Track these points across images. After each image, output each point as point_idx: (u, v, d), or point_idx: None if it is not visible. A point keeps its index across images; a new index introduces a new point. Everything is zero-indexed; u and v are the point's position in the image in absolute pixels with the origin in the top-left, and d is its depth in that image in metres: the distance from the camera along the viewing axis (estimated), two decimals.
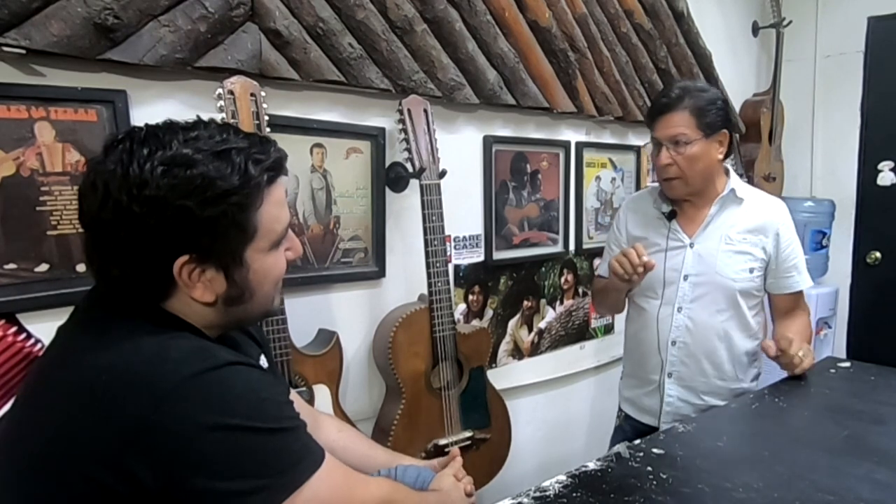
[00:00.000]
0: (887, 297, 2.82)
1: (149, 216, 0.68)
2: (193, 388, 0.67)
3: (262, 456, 0.70)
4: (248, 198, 0.73)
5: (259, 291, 0.79)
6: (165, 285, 0.74)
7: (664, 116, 1.49)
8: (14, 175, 1.20)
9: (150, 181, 0.68)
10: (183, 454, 0.65)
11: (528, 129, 2.18)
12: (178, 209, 0.68)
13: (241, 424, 0.68)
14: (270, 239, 0.77)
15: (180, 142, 0.71)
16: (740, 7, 3.07)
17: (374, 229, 1.76)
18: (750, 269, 1.54)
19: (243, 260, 0.75)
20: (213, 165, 0.70)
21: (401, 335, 1.64)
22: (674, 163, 1.49)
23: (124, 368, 0.67)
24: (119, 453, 0.64)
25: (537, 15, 2.03)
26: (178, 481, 0.65)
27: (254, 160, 0.73)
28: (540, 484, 1.05)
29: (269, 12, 1.44)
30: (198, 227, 0.70)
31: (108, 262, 0.72)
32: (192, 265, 0.72)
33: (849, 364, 1.72)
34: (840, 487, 1.04)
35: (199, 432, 0.66)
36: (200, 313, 0.77)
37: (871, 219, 2.89)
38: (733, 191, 1.55)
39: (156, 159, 0.68)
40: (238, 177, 0.71)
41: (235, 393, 0.70)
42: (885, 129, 2.80)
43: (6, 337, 1.21)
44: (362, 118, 1.71)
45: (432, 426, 1.70)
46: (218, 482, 0.67)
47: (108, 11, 1.21)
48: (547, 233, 2.29)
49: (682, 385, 1.60)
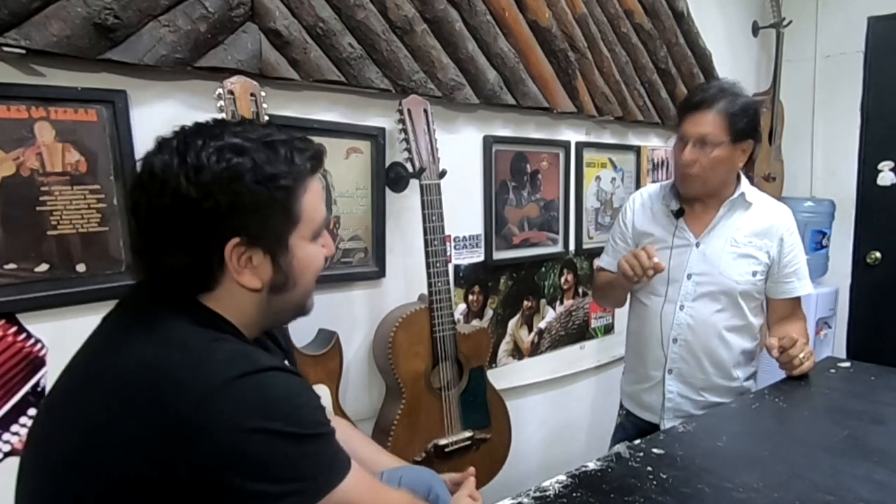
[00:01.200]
0: (887, 297, 2.82)
1: (204, 200, 0.72)
2: (236, 391, 0.69)
3: (297, 461, 0.72)
4: (295, 183, 0.78)
5: (301, 281, 0.83)
6: (215, 272, 0.76)
7: (697, 113, 1.48)
8: (14, 175, 1.20)
9: (205, 167, 0.72)
10: (222, 453, 0.67)
11: (528, 129, 2.18)
12: (231, 192, 0.72)
13: (280, 429, 0.70)
14: (312, 228, 0.82)
15: (230, 133, 0.75)
16: (740, 7, 3.07)
17: (374, 229, 1.76)
18: (753, 273, 1.55)
19: (289, 246, 0.79)
20: (262, 153, 0.75)
21: (401, 335, 1.64)
22: (696, 161, 1.48)
23: (170, 367, 0.69)
24: (160, 448, 0.66)
25: (537, 15, 2.03)
26: (214, 479, 0.67)
27: (298, 150, 0.79)
28: (540, 484, 1.05)
29: (269, 12, 1.44)
30: (248, 210, 0.74)
31: (163, 252, 0.75)
32: (242, 248, 0.75)
33: (849, 364, 1.72)
34: (840, 487, 1.04)
35: (239, 434, 0.67)
36: (243, 306, 0.79)
37: (871, 219, 2.88)
38: (743, 195, 1.56)
39: (210, 147, 0.73)
40: (284, 163, 0.77)
41: (275, 397, 0.72)
42: (885, 129, 2.80)
43: (6, 337, 1.21)
44: (362, 118, 1.71)
45: (432, 426, 1.70)
46: (252, 483, 0.68)
47: (108, 11, 1.21)
48: (547, 233, 2.29)
49: (682, 381, 1.61)
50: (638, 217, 1.67)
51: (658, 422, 1.64)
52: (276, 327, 0.95)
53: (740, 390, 1.62)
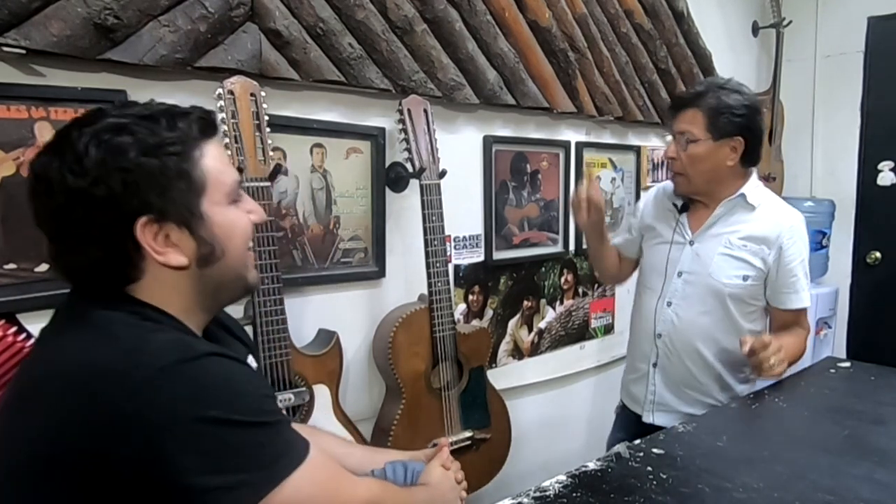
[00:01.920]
0: (887, 297, 2.82)
1: (95, 187, 0.69)
2: (169, 379, 0.66)
3: (241, 450, 0.69)
4: (184, 146, 0.74)
5: (229, 246, 0.79)
6: (135, 260, 0.73)
7: (681, 110, 1.51)
8: (14, 175, 1.20)
9: (85, 155, 0.69)
10: (158, 447, 0.64)
11: (528, 129, 2.18)
12: (120, 171, 0.69)
13: (219, 417, 0.67)
14: (223, 191, 0.78)
15: (105, 116, 0.73)
16: (740, 7, 3.07)
17: (374, 229, 1.76)
18: (744, 277, 1.51)
19: (202, 213, 0.76)
20: (142, 126, 0.72)
21: (401, 335, 1.64)
22: (677, 157, 1.51)
23: (102, 363, 0.67)
24: (99, 447, 0.64)
25: (537, 15, 2.03)
26: (155, 475, 0.65)
27: (179, 115, 0.76)
28: (540, 484, 1.05)
29: (269, 12, 1.44)
30: (143, 185, 0.71)
31: (75, 252, 0.73)
32: (154, 227, 0.72)
33: (849, 364, 1.72)
34: (840, 487, 1.04)
35: (175, 424, 0.65)
36: (176, 289, 0.76)
37: (871, 219, 2.88)
38: (743, 196, 1.51)
39: (85, 135, 0.70)
40: (167, 130, 0.73)
41: (213, 384, 0.69)
42: (885, 130, 2.80)
43: (6, 337, 1.21)
44: (362, 118, 1.71)
45: (432, 426, 1.70)
46: (194, 477, 0.65)
47: (108, 11, 1.21)
48: (547, 233, 2.29)
49: (666, 377, 1.62)
50: (648, 210, 1.70)
51: (641, 413, 1.64)
52: (222, 306, 0.89)
53: (733, 394, 1.59)
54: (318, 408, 1.50)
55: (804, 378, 1.66)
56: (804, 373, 1.73)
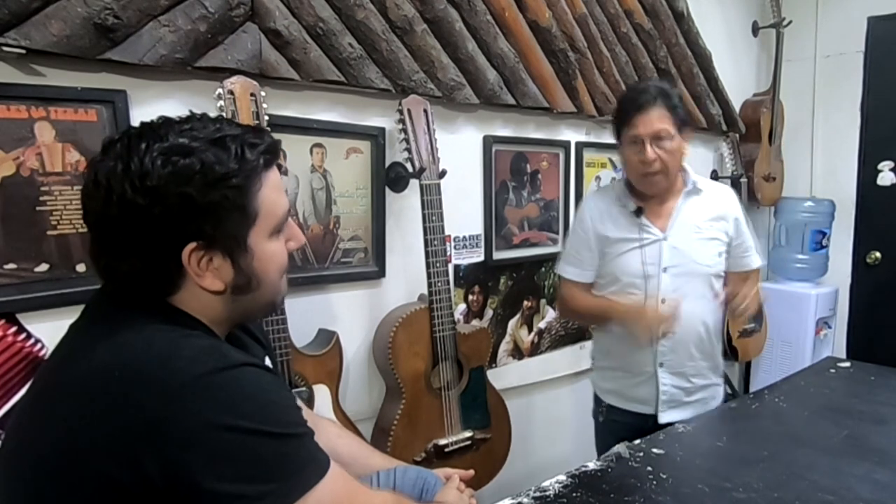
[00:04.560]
0: (887, 297, 2.83)
1: (153, 206, 0.69)
2: (204, 387, 0.67)
3: (269, 460, 0.69)
4: (247, 181, 0.74)
5: (265, 279, 0.80)
6: (174, 277, 0.75)
7: (645, 113, 1.52)
8: (14, 175, 1.20)
9: (150, 172, 0.69)
10: (190, 452, 0.65)
11: (528, 129, 2.18)
12: (181, 196, 0.70)
13: (250, 427, 0.68)
14: (271, 224, 0.78)
15: (176, 133, 0.72)
16: (740, 7, 3.07)
17: (374, 229, 1.76)
18: (719, 254, 1.62)
19: (247, 245, 0.76)
20: (211, 152, 0.72)
21: (401, 335, 1.64)
22: (658, 158, 1.52)
23: (136, 366, 0.67)
24: (129, 450, 0.64)
25: (537, 15, 2.03)
26: (184, 480, 0.65)
27: (249, 145, 0.75)
28: (540, 484, 1.05)
29: (269, 12, 1.44)
30: (201, 213, 0.71)
31: (117, 259, 0.73)
32: (200, 252, 0.73)
33: (849, 364, 1.73)
34: (840, 487, 1.05)
35: (207, 431, 0.65)
36: (209, 306, 0.78)
37: (871, 219, 2.89)
38: (695, 183, 1.63)
39: (154, 150, 0.70)
40: (235, 161, 0.73)
41: (245, 394, 0.69)
42: (885, 129, 2.80)
43: (6, 337, 1.21)
44: (362, 118, 1.71)
45: (432, 426, 1.70)
46: (222, 484, 0.66)
47: (108, 11, 1.21)
48: (547, 233, 2.29)
49: (674, 373, 1.63)
50: (597, 223, 1.66)
51: (654, 412, 1.65)
52: (249, 323, 0.92)
53: (719, 368, 1.69)
54: (318, 408, 1.50)
55: (804, 378, 1.66)
56: (804, 373, 1.73)
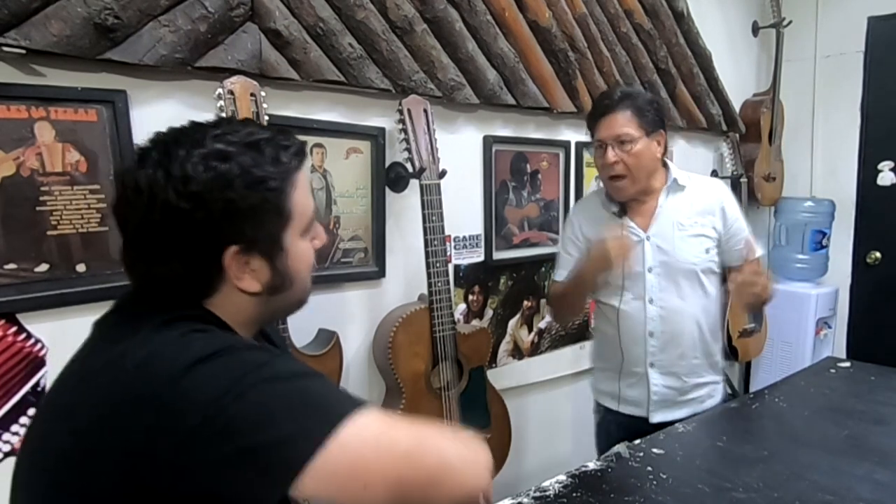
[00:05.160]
0: (887, 297, 2.83)
1: (196, 211, 0.70)
2: (212, 364, 0.67)
3: (290, 400, 0.67)
4: (283, 182, 0.76)
5: (297, 278, 0.82)
6: (213, 280, 0.76)
7: (607, 117, 1.54)
8: (14, 175, 1.20)
9: (192, 177, 0.70)
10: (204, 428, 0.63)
11: (528, 129, 2.18)
12: (223, 201, 0.71)
13: (260, 378, 0.66)
14: (303, 224, 0.81)
15: (211, 138, 0.74)
16: (740, 7, 3.06)
17: (374, 229, 1.76)
18: (706, 250, 1.60)
19: (283, 245, 0.78)
20: (248, 156, 0.74)
21: (401, 335, 1.64)
22: (619, 160, 1.53)
23: (150, 358, 0.68)
24: (141, 437, 0.64)
25: (537, 15, 2.03)
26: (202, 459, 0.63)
27: (282, 147, 0.77)
28: (540, 484, 1.05)
29: (269, 12, 1.44)
30: (242, 216, 0.73)
31: (157, 264, 0.74)
32: (240, 255, 0.75)
33: (849, 364, 1.73)
34: (840, 487, 1.05)
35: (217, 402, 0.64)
36: (242, 307, 0.79)
37: (871, 219, 2.89)
38: (675, 180, 1.62)
39: (194, 156, 0.71)
40: (271, 164, 0.75)
41: (255, 362, 0.68)
42: (885, 129, 2.80)
43: (6, 337, 1.21)
44: (362, 118, 1.71)
45: None
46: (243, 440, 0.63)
47: (108, 11, 1.21)
48: (547, 233, 2.29)
49: (665, 372, 1.63)
50: (585, 228, 1.70)
51: (645, 415, 1.65)
52: (277, 321, 0.95)
53: (717, 365, 1.68)
54: None
55: (804, 378, 1.66)
56: (804, 373, 1.73)
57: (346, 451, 0.66)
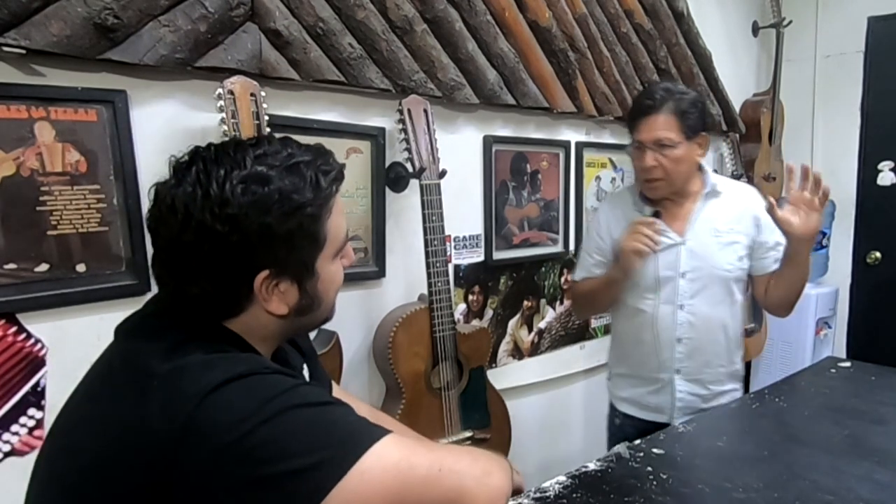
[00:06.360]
0: (887, 297, 2.83)
1: (231, 234, 0.70)
2: (237, 386, 0.67)
3: (314, 428, 0.67)
4: (321, 209, 0.75)
5: (325, 300, 0.81)
6: (242, 300, 0.75)
7: (648, 119, 1.50)
8: (14, 175, 1.20)
9: (231, 200, 0.69)
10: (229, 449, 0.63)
11: (528, 129, 2.18)
12: (259, 226, 0.70)
13: (291, 404, 0.67)
14: (335, 247, 0.80)
15: (252, 159, 0.73)
16: (740, 7, 3.07)
17: (374, 229, 1.76)
18: (739, 258, 1.58)
19: (314, 270, 0.78)
20: (288, 180, 0.73)
21: (401, 335, 1.64)
22: (658, 165, 1.50)
23: (176, 374, 0.67)
24: (164, 454, 0.64)
25: (537, 15, 2.03)
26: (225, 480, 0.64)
27: (322, 172, 0.76)
28: (540, 484, 1.05)
29: (269, 12, 1.44)
30: (277, 242, 0.72)
31: (188, 282, 0.73)
32: (270, 279, 0.74)
33: (849, 364, 1.72)
34: (840, 487, 1.05)
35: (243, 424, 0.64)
36: (266, 325, 0.78)
37: (871, 219, 2.89)
38: (714, 186, 1.59)
39: (233, 178, 0.70)
40: (311, 189, 0.74)
41: (280, 387, 0.69)
42: (885, 129, 2.80)
43: (6, 337, 1.21)
44: (362, 118, 1.71)
45: (432, 426, 1.70)
46: (268, 468, 0.63)
47: (108, 11, 1.21)
48: (547, 233, 2.29)
49: (691, 380, 1.61)
50: (613, 227, 1.65)
51: (669, 421, 1.63)
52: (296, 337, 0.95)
53: (738, 373, 1.67)
54: None
55: (804, 378, 1.66)
56: (804, 373, 1.73)
57: (368, 479, 0.67)
